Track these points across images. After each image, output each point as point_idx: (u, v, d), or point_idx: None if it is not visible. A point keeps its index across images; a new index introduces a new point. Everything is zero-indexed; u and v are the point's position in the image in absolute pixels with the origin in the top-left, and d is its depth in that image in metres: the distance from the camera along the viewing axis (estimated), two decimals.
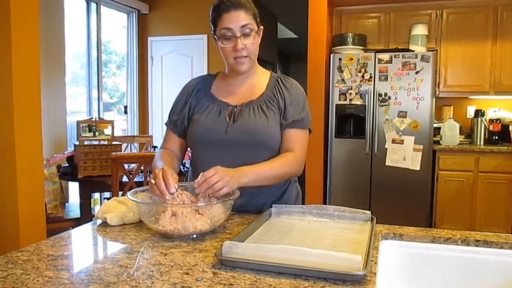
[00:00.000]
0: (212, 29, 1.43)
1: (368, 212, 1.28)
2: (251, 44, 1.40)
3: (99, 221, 1.28)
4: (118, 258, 0.97)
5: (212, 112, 1.47)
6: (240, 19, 1.36)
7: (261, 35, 1.46)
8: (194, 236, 1.13)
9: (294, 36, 8.82)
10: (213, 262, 0.95)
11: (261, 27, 1.45)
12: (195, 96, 1.52)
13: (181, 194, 1.20)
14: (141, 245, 1.07)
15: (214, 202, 1.15)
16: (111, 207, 1.27)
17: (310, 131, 1.52)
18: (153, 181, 1.19)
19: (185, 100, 1.53)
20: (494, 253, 1.11)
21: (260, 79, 1.52)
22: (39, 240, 2.18)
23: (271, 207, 1.35)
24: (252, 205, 1.45)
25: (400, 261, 1.16)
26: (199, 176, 1.19)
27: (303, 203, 1.65)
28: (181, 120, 1.52)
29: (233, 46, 1.38)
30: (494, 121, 4.08)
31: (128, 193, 1.18)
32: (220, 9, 1.37)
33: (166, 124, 1.59)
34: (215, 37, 1.42)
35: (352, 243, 1.07)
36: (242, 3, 1.37)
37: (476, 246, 1.13)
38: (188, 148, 1.60)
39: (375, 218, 1.24)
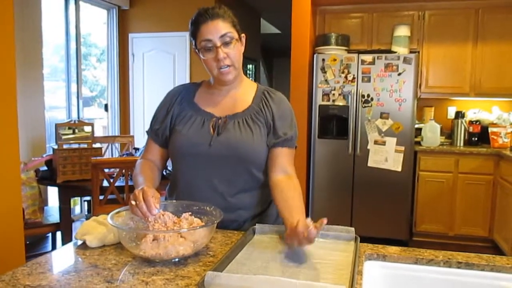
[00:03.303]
0: (194, 43, 1.40)
1: (352, 229, 1.28)
2: (233, 52, 1.37)
3: (79, 242, 1.24)
4: None
5: (195, 124, 1.43)
6: (218, 29, 1.34)
7: (244, 44, 1.43)
8: (176, 259, 1.11)
9: (277, 31, 8.80)
10: None
11: (243, 35, 1.43)
12: (178, 105, 1.48)
13: (162, 215, 1.17)
14: (122, 272, 1.04)
15: (198, 227, 1.13)
16: (91, 228, 1.23)
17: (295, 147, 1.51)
18: (133, 202, 1.16)
19: (168, 109, 1.49)
20: (475, 276, 1.12)
21: (246, 91, 1.49)
22: (17, 249, 2.11)
23: (255, 224, 1.33)
24: (235, 222, 1.43)
25: (384, 282, 1.16)
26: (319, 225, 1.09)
27: None
28: (162, 130, 1.49)
29: (214, 56, 1.36)
30: (474, 122, 4.13)
31: (109, 216, 1.15)
32: (197, 22, 1.36)
33: (147, 132, 1.55)
34: (197, 50, 1.40)
35: (336, 268, 1.07)
36: (219, 13, 1.36)
37: (458, 268, 1.14)
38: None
39: (358, 238, 1.24)
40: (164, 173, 3.21)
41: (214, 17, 1.35)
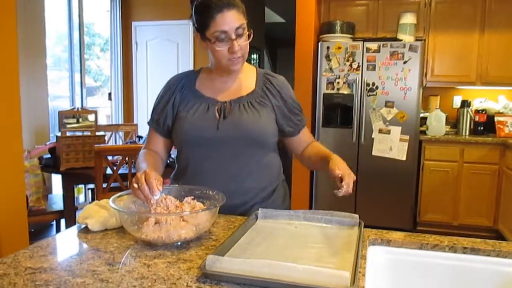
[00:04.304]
0: (196, 27, 1.35)
1: (356, 215, 1.26)
2: (245, 44, 1.35)
3: (81, 226, 1.24)
4: (99, 271, 0.94)
5: (199, 109, 1.42)
6: (234, 20, 1.29)
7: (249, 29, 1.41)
8: (179, 243, 1.10)
9: (281, 20, 8.72)
10: (198, 275, 0.93)
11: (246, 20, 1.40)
12: (179, 93, 1.46)
13: (165, 199, 1.16)
14: (124, 255, 1.03)
15: (200, 211, 1.12)
16: (93, 212, 1.22)
17: None
18: (135, 185, 1.15)
19: (168, 98, 1.47)
20: (481, 261, 1.11)
21: (246, 75, 1.48)
22: (20, 236, 2.11)
23: (258, 209, 1.32)
24: (242, 206, 1.42)
25: (388, 268, 1.15)
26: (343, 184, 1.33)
27: (290, 197, 1.65)
28: (163, 119, 1.47)
29: (228, 48, 1.32)
30: (480, 111, 4.09)
31: (110, 200, 1.14)
32: (210, 9, 1.29)
33: (148, 123, 1.53)
34: (203, 37, 1.35)
35: (340, 252, 1.06)
36: (232, 1, 1.30)
37: (464, 253, 1.13)
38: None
39: (362, 223, 1.23)
40: (168, 161, 3.21)
41: (230, 6, 1.29)
